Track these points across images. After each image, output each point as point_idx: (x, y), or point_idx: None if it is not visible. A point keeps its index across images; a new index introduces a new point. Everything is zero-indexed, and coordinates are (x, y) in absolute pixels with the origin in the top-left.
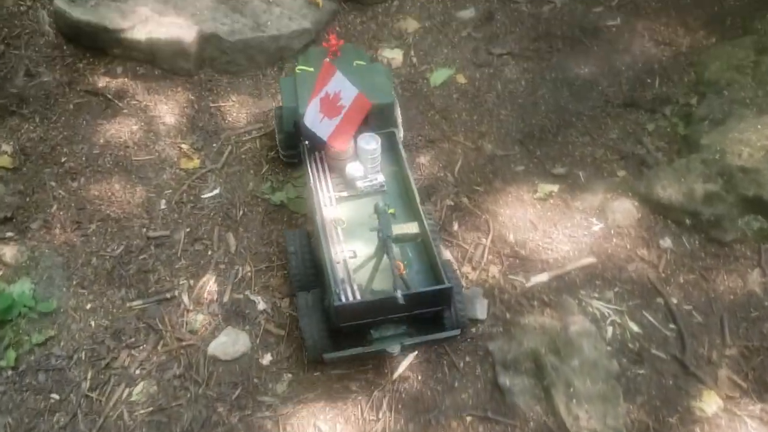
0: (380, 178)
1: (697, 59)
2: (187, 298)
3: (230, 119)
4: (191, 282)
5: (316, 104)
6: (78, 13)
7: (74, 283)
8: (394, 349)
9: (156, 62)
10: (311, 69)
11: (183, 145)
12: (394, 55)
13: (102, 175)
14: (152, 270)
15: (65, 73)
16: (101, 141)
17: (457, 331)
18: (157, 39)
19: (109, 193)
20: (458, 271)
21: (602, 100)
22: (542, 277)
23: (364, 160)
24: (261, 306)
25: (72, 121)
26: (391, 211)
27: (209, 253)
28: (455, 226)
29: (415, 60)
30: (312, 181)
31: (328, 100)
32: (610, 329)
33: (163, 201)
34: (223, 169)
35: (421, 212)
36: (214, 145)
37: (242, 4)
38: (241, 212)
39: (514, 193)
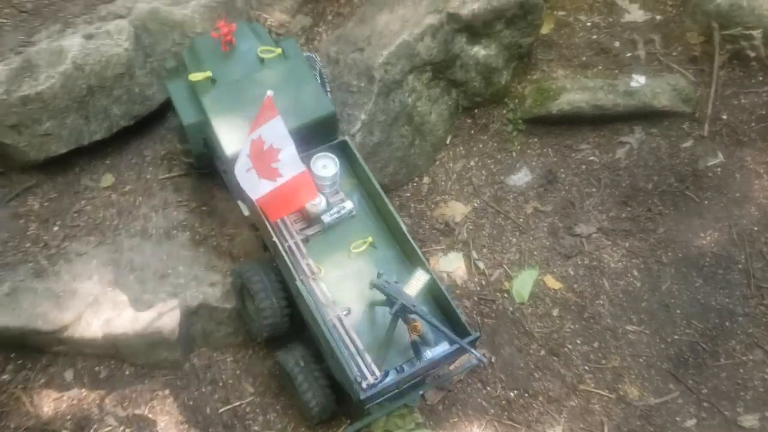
0: (348, 205)
1: None
2: None
3: (258, 424)
4: None
5: (247, 146)
6: None
7: None
8: (415, 401)
9: (122, 356)
10: (208, 74)
11: None
12: (453, 266)
13: None
14: None
15: None
16: None
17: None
18: (120, 334)
19: None
20: None
21: (752, 285)
22: None
23: (325, 189)
24: None
25: None
26: (368, 240)
27: None
28: None
29: (481, 265)
30: (276, 240)
31: (261, 151)
32: None
33: None
34: None
35: (405, 231)
36: None
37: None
38: None
39: None
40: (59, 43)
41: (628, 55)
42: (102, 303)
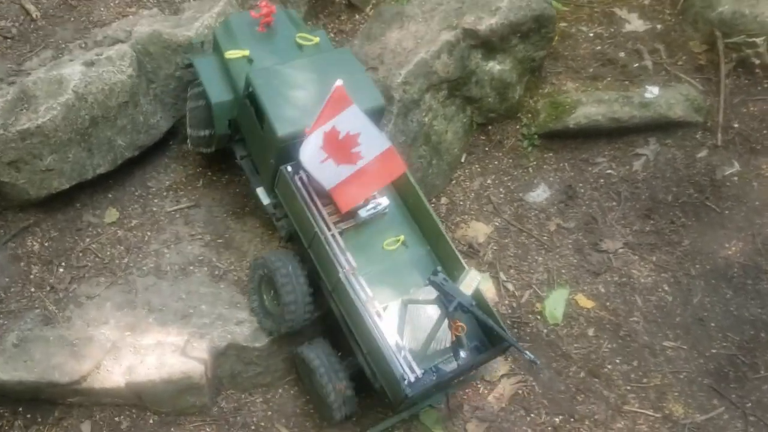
0: (384, 201)
1: None
2: None
3: None
4: None
5: (318, 138)
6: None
7: None
8: (440, 401)
9: (144, 404)
10: (246, 53)
11: None
12: (481, 287)
13: None
14: None
15: None
16: None
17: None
18: (146, 382)
19: None
20: None
21: None
22: None
23: None
24: None
25: None
26: (401, 239)
27: None
28: None
29: (510, 287)
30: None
31: (336, 140)
32: None
33: None
34: None
35: (442, 229)
36: None
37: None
38: None
39: None
40: (58, 71)
41: (636, 65)
42: (122, 349)
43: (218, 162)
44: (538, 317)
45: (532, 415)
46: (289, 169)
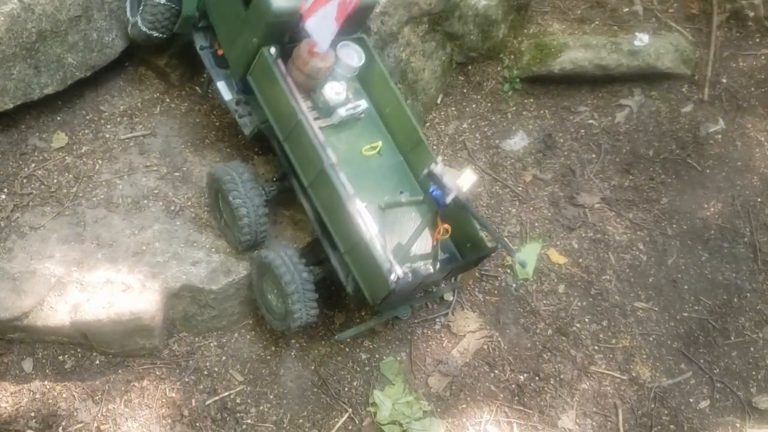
0: (363, 104)
1: None
2: None
3: (251, 417)
4: None
5: (332, 10)
6: None
7: None
8: (406, 313)
9: (90, 344)
10: None
11: None
12: None
13: None
14: None
15: None
16: None
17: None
18: (93, 321)
19: None
20: None
21: (759, 260)
22: None
23: (345, 79)
24: None
25: None
26: (378, 145)
27: None
28: None
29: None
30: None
31: (345, 7)
32: None
33: None
34: None
35: (421, 136)
36: None
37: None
38: None
39: None
40: None
41: (626, 10)
42: (67, 285)
43: (163, 54)
44: (508, 271)
45: (496, 371)
46: (272, 51)
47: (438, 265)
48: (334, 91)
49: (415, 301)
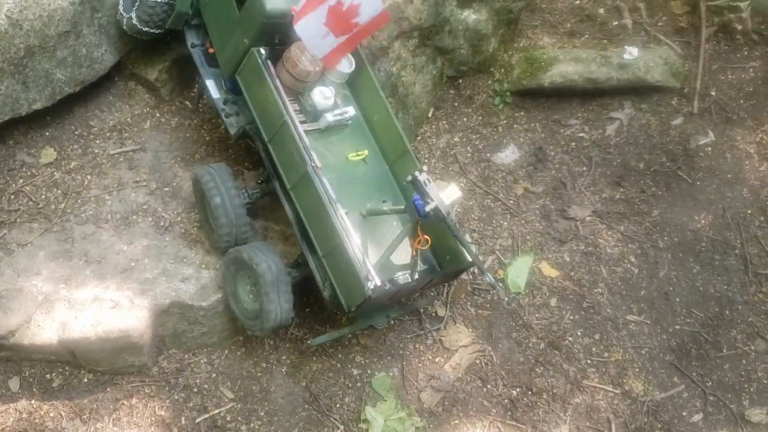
0: (350, 111)
1: None
2: None
3: None
4: None
5: (322, 15)
6: None
7: None
8: (382, 323)
9: (78, 362)
10: None
11: None
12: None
13: None
14: None
15: None
16: None
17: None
18: (80, 339)
19: None
20: None
21: (750, 272)
22: None
23: (334, 85)
24: None
25: None
26: (364, 153)
27: None
28: None
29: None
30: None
31: (341, 13)
32: None
33: None
34: None
35: (408, 145)
36: None
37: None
38: None
39: None
40: None
41: (615, 23)
42: (55, 303)
43: (154, 68)
44: (500, 285)
45: (488, 386)
46: (262, 51)
47: (416, 275)
48: (322, 95)
49: (392, 311)
